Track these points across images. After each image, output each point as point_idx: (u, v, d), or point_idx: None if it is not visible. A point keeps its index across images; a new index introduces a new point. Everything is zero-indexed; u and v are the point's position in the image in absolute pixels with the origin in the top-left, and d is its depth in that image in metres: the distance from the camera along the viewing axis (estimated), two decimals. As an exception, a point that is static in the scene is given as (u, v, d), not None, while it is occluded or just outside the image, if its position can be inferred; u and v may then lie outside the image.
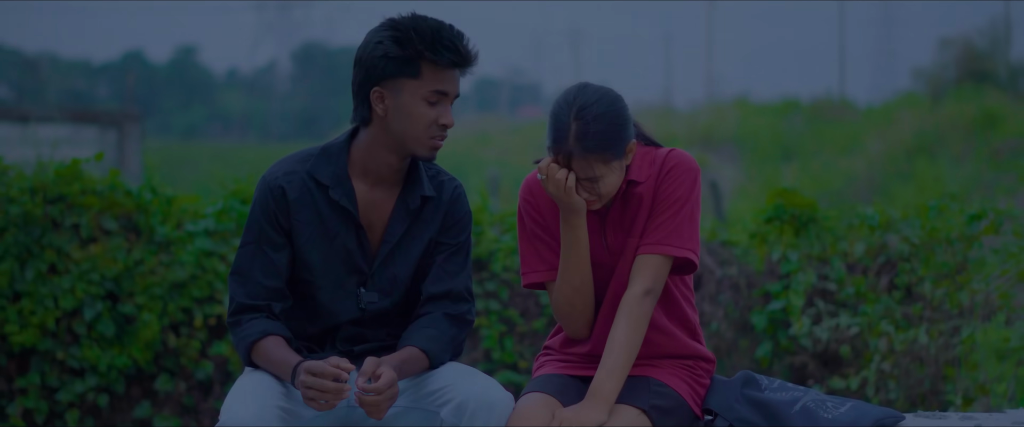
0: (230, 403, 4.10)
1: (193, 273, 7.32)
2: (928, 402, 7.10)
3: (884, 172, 27.77)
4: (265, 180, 4.29)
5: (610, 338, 4.15)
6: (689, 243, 4.21)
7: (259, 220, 4.28)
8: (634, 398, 4.17)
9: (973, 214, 7.22)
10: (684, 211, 4.21)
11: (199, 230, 7.38)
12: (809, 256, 7.52)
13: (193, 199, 7.61)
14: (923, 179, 24.95)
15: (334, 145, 4.32)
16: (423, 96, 4.17)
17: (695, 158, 4.35)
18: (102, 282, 7.19)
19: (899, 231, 7.49)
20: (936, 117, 30.18)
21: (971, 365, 6.76)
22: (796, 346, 7.43)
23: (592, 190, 4.13)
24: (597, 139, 4.07)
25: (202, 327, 7.36)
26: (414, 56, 4.13)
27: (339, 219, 4.29)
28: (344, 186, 4.27)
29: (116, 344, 7.22)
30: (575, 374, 4.36)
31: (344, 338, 4.35)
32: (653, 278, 4.19)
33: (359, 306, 4.32)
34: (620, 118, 4.12)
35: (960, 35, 39.20)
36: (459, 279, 4.37)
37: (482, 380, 4.14)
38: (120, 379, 7.25)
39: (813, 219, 7.61)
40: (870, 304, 7.28)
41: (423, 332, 4.26)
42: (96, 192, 7.29)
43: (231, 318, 4.28)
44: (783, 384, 4.29)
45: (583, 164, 4.09)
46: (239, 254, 4.30)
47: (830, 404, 4.17)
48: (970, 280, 7.02)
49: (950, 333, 7.04)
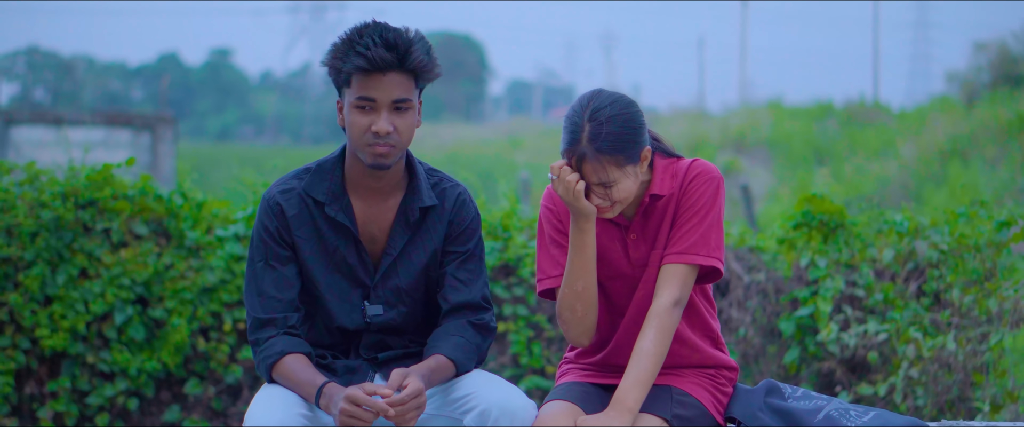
0: (254, 410, 4.12)
1: (223, 278, 7.35)
2: (956, 409, 7.08)
3: (917, 176, 27.64)
4: (264, 198, 4.33)
5: (637, 348, 4.15)
6: (715, 252, 4.22)
7: (263, 237, 4.30)
8: (657, 407, 4.17)
9: (1002, 221, 7.20)
10: (709, 219, 4.21)
11: (229, 235, 7.41)
12: (837, 262, 7.51)
13: (223, 204, 7.64)
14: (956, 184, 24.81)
15: (328, 160, 4.33)
16: (354, 104, 4.16)
17: (728, 162, 4.36)
18: (132, 286, 7.23)
19: (928, 237, 7.47)
20: (970, 121, 30.03)
21: (999, 372, 6.74)
22: (824, 352, 7.42)
23: (605, 196, 4.12)
24: (610, 140, 4.07)
25: (231, 331, 7.39)
26: (339, 66, 4.15)
27: (338, 234, 4.30)
28: (341, 201, 4.28)
29: (146, 348, 7.26)
30: (597, 382, 4.37)
31: (367, 346, 4.36)
32: (681, 288, 4.19)
33: (364, 319, 4.33)
34: (634, 122, 4.13)
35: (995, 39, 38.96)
36: (475, 288, 4.37)
37: (505, 387, 4.15)
38: (150, 383, 7.29)
39: (841, 225, 7.60)
40: (898, 310, 7.26)
41: (449, 340, 4.27)
42: (127, 197, 7.33)
43: (251, 336, 4.30)
44: (806, 393, 4.29)
45: (596, 166, 4.08)
46: (249, 273, 4.32)
47: (854, 413, 4.16)
48: (999, 287, 6.99)
49: (978, 340, 7.02)
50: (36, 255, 7.12)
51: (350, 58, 4.12)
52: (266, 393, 4.21)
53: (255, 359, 4.29)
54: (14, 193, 7.18)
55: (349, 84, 4.16)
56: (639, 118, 4.15)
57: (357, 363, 4.34)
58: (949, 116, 31.20)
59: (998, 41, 38.67)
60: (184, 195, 7.50)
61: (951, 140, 28.83)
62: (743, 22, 62.55)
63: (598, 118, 4.09)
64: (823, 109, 38.44)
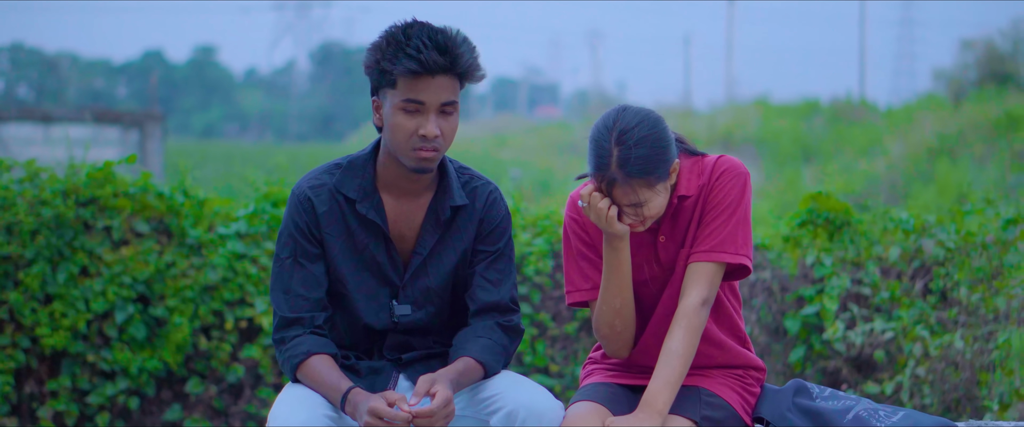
0: (278, 411, 4.07)
1: (224, 276, 7.30)
2: (962, 407, 7.05)
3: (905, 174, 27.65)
4: (294, 193, 4.24)
5: (665, 349, 4.09)
6: (743, 249, 4.16)
7: (292, 233, 4.23)
8: (685, 409, 4.13)
9: (1009, 218, 7.17)
10: (736, 216, 4.15)
11: (231, 233, 7.36)
12: (843, 260, 7.47)
13: (225, 201, 7.60)
14: (944, 181, 24.84)
15: (360, 157, 4.24)
16: (399, 106, 4.06)
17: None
18: (133, 285, 7.18)
19: (934, 235, 7.44)
20: (957, 119, 30.05)
21: (1007, 370, 6.71)
22: (830, 351, 7.39)
23: (637, 214, 4.06)
24: (640, 164, 4.00)
25: (233, 330, 7.35)
26: (388, 67, 4.04)
27: (368, 232, 4.23)
28: (372, 199, 4.21)
29: (147, 347, 7.21)
30: (624, 383, 4.32)
31: (391, 346, 4.30)
32: (709, 287, 4.14)
33: (392, 319, 4.28)
34: (662, 140, 4.04)
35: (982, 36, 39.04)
36: (504, 288, 4.30)
37: (532, 388, 4.10)
38: (151, 382, 7.24)
39: (847, 223, 7.57)
40: (905, 309, 7.23)
41: (477, 342, 4.21)
42: (128, 194, 7.28)
43: (276, 334, 4.23)
44: (834, 393, 4.25)
45: (627, 190, 4.01)
46: (276, 269, 4.25)
47: (883, 413, 4.12)
48: (1006, 285, 6.97)
49: (986, 338, 6.99)
50: (36, 253, 7.06)
51: (400, 60, 4.02)
52: (290, 393, 4.15)
53: (279, 357, 4.23)
54: (14, 191, 7.13)
55: (394, 85, 4.06)
56: (667, 135, 4.06)
57: (381, 364, 4.28)
58: (936, 114, 31.23)
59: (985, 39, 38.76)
60: (185, 193, 7.44)
61: (939, 138, 28.84)
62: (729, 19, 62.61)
63: (626, 141, 4.01)
64: (810, 107, 38.47)
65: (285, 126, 75.09)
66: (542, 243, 7.60)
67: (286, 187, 7.65)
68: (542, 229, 7.71)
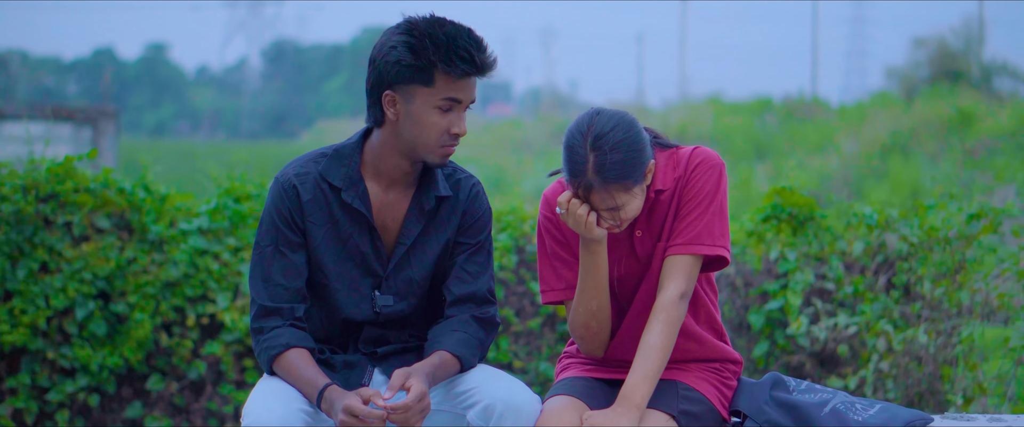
0: (253, 405, 4.03)
1: (186, 272, 7.24)
2: (925, 402, 7.07)
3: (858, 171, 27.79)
4: (278, 180, 4.22)
5: (644, 342, 4.08)
6: (721, 240, 4.15)
7: (275, 220, 4.20)
8: (663, 403, 4.12)
9: (972, 213, 7.19)
10: (712, 208, 4.14)
11: (193, 229, 7.30)
12: (807, 255, 7.48)
13: (187, 197, 7.54)
14: (898, 178, 24.98)
15: (346, 146, 4.23)
16: (435, 104, 4.08)
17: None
18: (94, 281, 7.11)
19: (897, 230, 7.45)
20: (910, 116, 30.24)
21: (970, 365, 6.74)
22: (794, 346, 7.39)
23: (614, 218, 4.04)
24: (616, 169, 3.98)
25: (195, 327, 7.29)
26: (428, 65, 4.04)
27: (352, 221, 4.21)
28: (357, 188, 4.19)
29: (108, 344, 7.15)
30: (600, 377, 4.31)
31: (366, 340, 4.28)
32: (687, 280, 4.13)
33: (374, 309, 4.26)
34: (637, 143, 4.02)
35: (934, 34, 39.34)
36: (482, 280, 4.30)
37: (509, 382, 4.08)
38: (111, 379, 7.18)
39: (811, 218, 7.57)
40: (868, 303, 7.24)
41: (453, 336, 4.19)
42: (89, 190, 7.21)
43: (255, 323, 4.19)
44: (810, 385, 4.25)
45: (605, 195, 4.00)
46: (256, 257, 4.21)
47: (859, 406, 4.13)
48: (969, 279, 6.99)
49: (949, 333, 7.01)
50: (-5, 249, 7.00)
51: (451, 61, 4.02)
52: (265, 387, 4.12)
53: (255, 347, 4.19)
54: (-27, 186, 7.06)
55: (431, 83, 4.06)
56: (641, 138, 4.05)
57: (356, 358, 4.26)
58: (889, 111, 31.42)
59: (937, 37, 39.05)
60: (147, 188, 7.38)
61: (892, 135, 29.01)
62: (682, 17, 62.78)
63: (602, 146, 3.99)
64: (762, 104, 38.64)
65: (237, 124, 74.87)
66: (506, 238, 7.58)
67: (247, 183, 7.60)
68: (506, 225, 7.69)
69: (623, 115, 4.06)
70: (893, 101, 33.76)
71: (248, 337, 7.27)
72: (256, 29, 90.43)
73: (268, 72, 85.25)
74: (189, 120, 77.74)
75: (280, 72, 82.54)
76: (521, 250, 7.62)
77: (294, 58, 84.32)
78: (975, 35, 39.61)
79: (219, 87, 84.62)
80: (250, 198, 7.51)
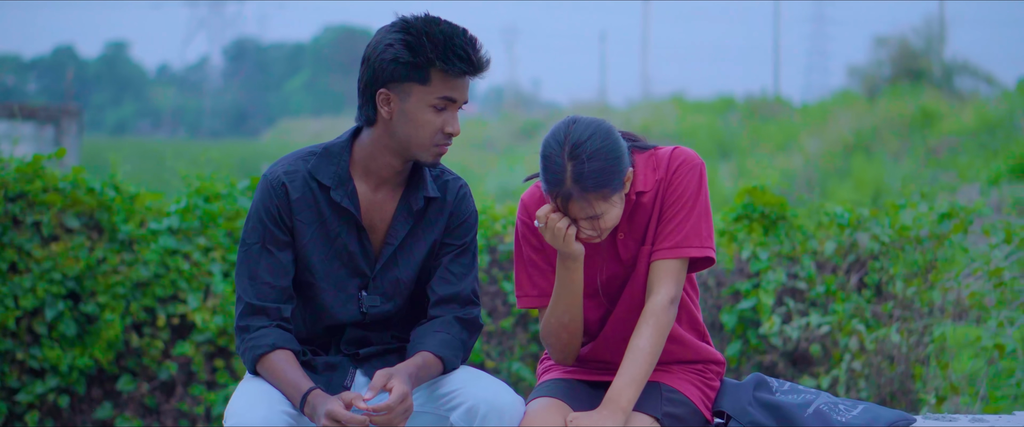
0: (236, 406, 4.00)
1: (157, 272, 7.21)
2: (898, 401, 7.08)
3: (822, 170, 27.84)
4: (267, 178, 4.18)
5: (632, 346, 4.06)
6: (707, 241, 4.14)
7: (263, 219, 4.17)
8: (647, 406, 4.11)
9: (943, 213, 7.22)
10: (697, 209, 4.12)
11: (163, 228, 7.27)
12: (779, 254, 7.49)
13: (156, 196, 7.49)
14: (861, 177, 25.02)
15: (336, 144, 4.21)
16: (430, 103, 4.06)
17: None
18: (64, 281, 7.07)
19: (868, 229, 7.47)
20: (872, 115, 30.30)
21: (942, 364, 6.75)
22: (766, 345, 7.40)
23: (594, 227, 4.02)
24: (594, 178, 3.94)
25: (165, 327, 7.25)
26: (425, 63, 4.02)
27: (341, 220, 4.19)
28: (346, 187, 4.17)
29: (78, 344, 7.10)
30: (583, 379, 4.29)
31: (348, 341, 4.25)
32: (676, 284, 4.12)
33: (361, 310, 4.24)
34: (615, 151, 3.99)
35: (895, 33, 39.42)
36: (467, 281, 4.29)
37: (492, 384, 4.06)
38: (81, 380, 7.14)
39: (783, 217, 7.58)
40: (840, 303, 7.26)
41: (436, 336, 4.17)
42: (58, 189, 7.17)
43: (240, 321, 4.16)
44: (793, 386, 4.25)
45: (584, 205, 3.97)
46: (243, 254, 4.18)
47: (842, 406, 4.13)
48: (940, 279, 7.01)
49: (921, 332, 7.03)
50: (-36, 249, 6.95)
51: (449, 60, 4.02)
52: (248, 388, 4.09)
53: (239, 346, 4.16)
54: (-60, 186, 7.01)
55: (426, 82, 4.04)
56: (619, 145, 4.02)
57: (338, 359, 4.23)
58: (851, 110, 31.48)
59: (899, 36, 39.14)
60: (116, 188, 7.33)
61: (855, 134, 29.07)
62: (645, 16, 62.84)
63: (579, 155, 3.95)
64: (725, 103, 38.70)
65: (199, 122, 74.65)
66: (477, 238, 7.55)
67: (217, 182, 7.57)
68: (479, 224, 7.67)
69: (600, 123, 4.03)
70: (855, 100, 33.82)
71: (219, 337, 7.24)
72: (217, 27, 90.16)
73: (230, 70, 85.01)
74: (150, 118, 77.46)
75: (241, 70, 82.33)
76: (493, 250, 7.61)
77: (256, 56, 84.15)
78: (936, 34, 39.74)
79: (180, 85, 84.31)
80: (220, 198, 7.48)
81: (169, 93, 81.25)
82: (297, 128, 59.65)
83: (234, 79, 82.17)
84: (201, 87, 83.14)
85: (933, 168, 23.85)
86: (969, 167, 21.39)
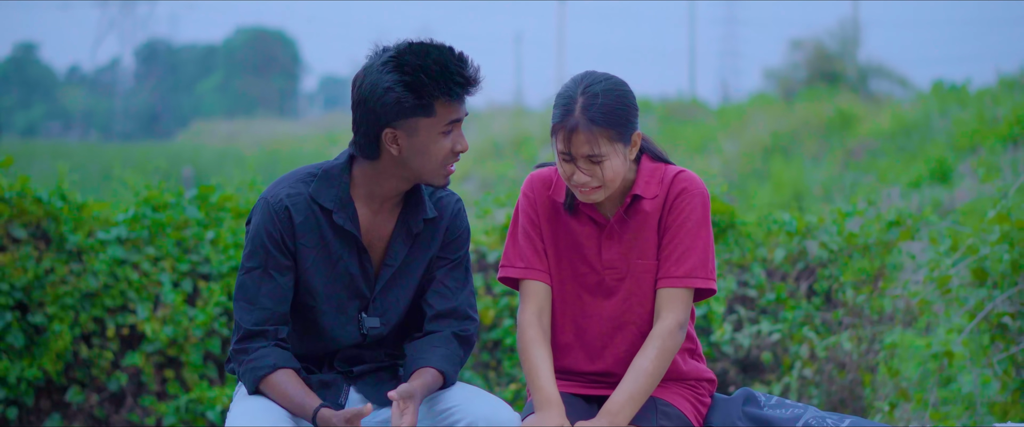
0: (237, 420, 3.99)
1: (106, 282, 7.15)
2: (847, 407, 7.14)
3: (740, 172, 27.98)
4: (269, 202, 4.15)
5: (636, 365, 4.11)
6: (712, 274, 4.23)
7: (264, 243, 4.14)
8: (641, 418, 4.15)
9: (891, 221, 7.28)
10: (702, 238, 4.20)
11: (111, 238, 7.21)
12: (729, 262, 7.53)
13: (103, 205, 7.42)
14: (780, 179, 25.16)
15: (335, 167, 4.18)
16: (440, 131, 4.07)
17: (550, 158, 4.35)
18: (11, 292, 6.99)
19: (817, 237, 7.53)
20: (790, 117, 30.50)
21: (893, 371, 6.81)
22: (717, 353, 7.44)
23: (594, 173, 4.08)
24: (603, 111, 4.04)
25: (115, 337, 7.19)
26: (429, 100, 4.02)
27: (342, 243, 4.18)
28: (347, 210, 4.16)
29: (26, 355, 7.03)
30: (577, 393, 4.31)
31: (343, 359, 4.25)
32: (684, 311, 4.19)
33: (360, 332, 4.22)
34: (627, 98, 4.10)
35: (810, 36, 39.73)
36: (462, 295, 4.31)
37: (490, 400, 4.08)
38: (30, 391, 7.06)
39: (732, 225, 7.63)
40: (790, 310, 7.31)
41: (437, 351, 4.19)
42: (4, 200, 7.08)
43: (237, 345, 4.14)
44: (781, 401, 4.29)
45: (588, 136, 4.04)
46: (243, 279, 4.15)
47: (830, 421, 4.17)
48: (889, 286, 7.07)
49: (871, 339, 7.09)
50: (-91, 261, 6.86)
51: (451, 88, 4.02)
52: (246, 406, 4.07)
53: (239, 368, 4.13)
54: None
55: (431, 113, 4.04)
56: (631, 98, 4.12)
57: (331, 377, 4.23)
58: (769, 112, 31.68)
59: (814, 39, 39.45)
60: (63, 197, 7.26)
61: (773, 136, 29.24)
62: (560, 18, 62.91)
63: (592, 90, 4.07)
64: (642, 105, 38.24)
65: (110, 124, 73.98)
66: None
67: (165, 192, 7.51)
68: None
69: (616, 76, 4.15)
70: (772, 102, 34.05)
71: (169, 348, 7.18)
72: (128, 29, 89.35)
73: (141, 72, 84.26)
74: (61, 120, 76.68)
75: (153, 72, 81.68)
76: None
77: (167, 58, 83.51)
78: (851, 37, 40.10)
79: (91, 87, 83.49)
80: (168, 207, 7.42)
81: (80, 95, 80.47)
82: (210, 130, 59.31)
83: (146, 81, 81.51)
84: (112, 89, 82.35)
85: (853, 171, 24.05)
86: (888, 169, 21.56)
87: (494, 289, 7.58)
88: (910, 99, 30.30)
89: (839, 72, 37.86)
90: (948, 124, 22.90)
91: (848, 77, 37.60)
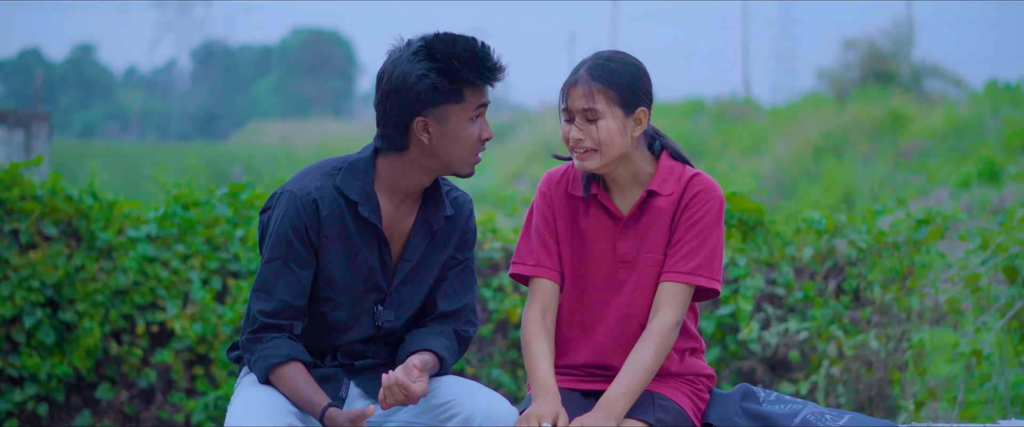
0: (238, 413, 4.02)
1: (135, 279, 7.20)
2: (876, 407, 7.11)
3: (791, 172, 27.88)
4: (295, 194, 4.16)
5: (633, 359, 4.14)
6: (717, 274, 4.25)
7: (287, 235, 4.15)
8: (640, 412, 4.17)
9: (920, 219, 7.25)
10: (712, 240, 4.22)
11: (141, 236, 7.26)
12: (757, 261, 7.51)
13: (135, 204, 7.48)
14: (830, 179, 25.07)
15: (360, 160, 4.20)
16: (468, 117, 4.11)
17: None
18: (42, 289, 7.05)
19: (846, 236, 7.50)
20: (842, 117, 30.35)
21: (920, 370, 6.78)
22: (745, 351, 7.42)
23: (588, 133, 4.12)
24: (606, 71, 4.12)
25: (144, 335, 7.24)
26: (462, 85, 4.07)
27: (364, 235, 4.20)
28: (372, 202, 4.18)
29: (56, 352, 7.09)
30: (575, 387, 4.32)
31: (345, 353, 4.28)
32: (683, 308, 4.21)
33: (375, 324, 4.25)
34: (635, 70, 4.17)
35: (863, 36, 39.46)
36: (468, 296, 4.36)
37: (488, 394, 4.10)
38: (60, 388, 7.12)
39: (760, 223, 7.61)
40: (818, 309, 7.29)
41: (437, 339, 4.24)
42: (36, 197, 7.15)
43: (250, 335, 4.16)
44: (780, 396, 4.29)
45: (585, 90, 4.12)
46: (264, 270, 4.17)
47: (829, 416, 4.16)
48: (918, 284, 7.04)
49: (899, 338, 7.06)
50: (-59, 258, 6.93)
51: (483, 73, 4.09)
52: (249, 396, 4.09)
53: (250, 356, 4.15)
54: (-83, 194, 6.98)
55: (461, 99, 4.09)
56: (641, 74, 4.19)
57: (333, 371, 4.25)
58: (821, 112, 31.53)
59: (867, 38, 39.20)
60: (94, 195, 7.31)
61: (824, 136, 29.11)
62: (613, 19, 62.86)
63: (602, 56, 4.18)
64: (695, 106, 38.68)
65: (167, 125, 74.44)
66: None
67: (196, 189, 7.56)
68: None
69: (636, 58, 4.23)
70: (824, 102, 33.88)
71: (199, 345, 7.23)
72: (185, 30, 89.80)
73: (198, 73, 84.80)
74: (118, 121, 77.20)
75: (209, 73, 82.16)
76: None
77: (224, 59, 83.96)
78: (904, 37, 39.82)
79: (148, 88, 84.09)
80: (198, 205, 7.47)
81: (137, 96, 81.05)
82: (265, 130, 59.56)
83: (202, 82, 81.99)
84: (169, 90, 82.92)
85: (903, 171, 23.91)
86: (939, 170, 21.45)
87: (522, 288, 7.58)
88: (964, 99, 30.08)
89: (892, 72, 37.62)
90: (1000, 124, 22.73)
91: (902, 77, 37.36)
